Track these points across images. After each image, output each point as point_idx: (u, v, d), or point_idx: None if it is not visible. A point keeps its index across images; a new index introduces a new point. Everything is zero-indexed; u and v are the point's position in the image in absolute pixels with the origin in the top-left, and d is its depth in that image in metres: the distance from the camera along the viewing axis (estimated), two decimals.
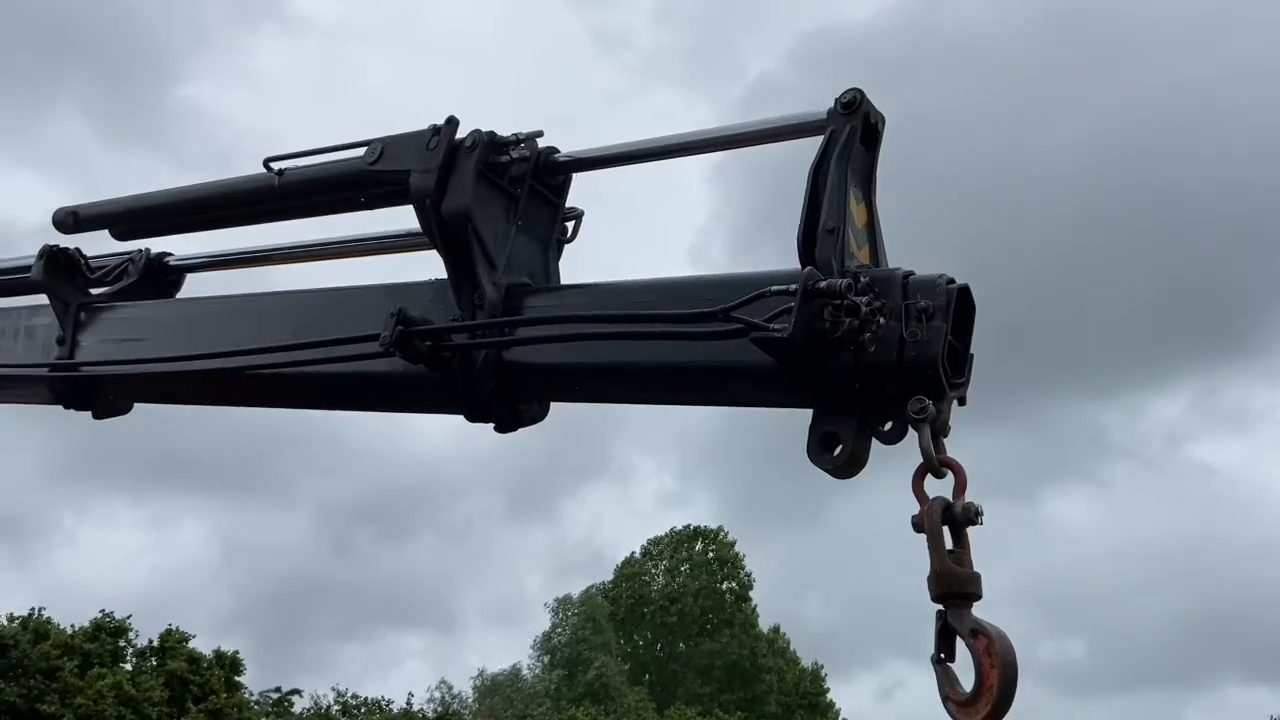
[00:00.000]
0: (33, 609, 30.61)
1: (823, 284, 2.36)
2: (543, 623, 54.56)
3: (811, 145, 2.66)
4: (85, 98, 78.88)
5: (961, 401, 2.45)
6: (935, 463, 2.37)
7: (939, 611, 2.31)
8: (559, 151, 3.10)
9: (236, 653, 33.57)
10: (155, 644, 32.07)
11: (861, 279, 2.39)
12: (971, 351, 2.48)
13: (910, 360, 2.36)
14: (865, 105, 2.62)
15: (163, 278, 4.00)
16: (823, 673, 57.33)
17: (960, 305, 2.43)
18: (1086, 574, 77.75)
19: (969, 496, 2.36)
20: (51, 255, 3.99)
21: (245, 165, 3.46)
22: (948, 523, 2.34)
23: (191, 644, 32.41)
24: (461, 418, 3.09)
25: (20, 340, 4.12)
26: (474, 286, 2.97)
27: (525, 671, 52.67)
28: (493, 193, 2.98)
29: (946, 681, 2.29)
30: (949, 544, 2.33)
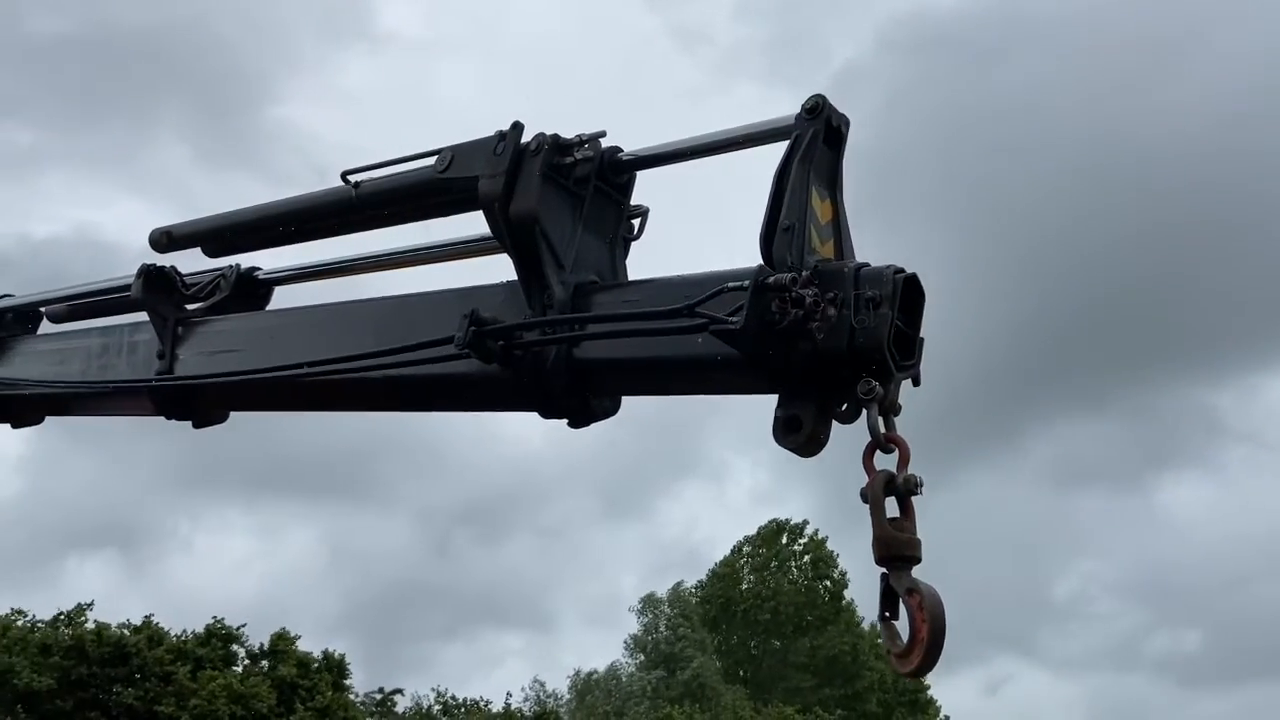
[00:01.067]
0: (147, 617, 31.91)
1: (771, 279, 2.56)
2: (636, 622, 54.80)
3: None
4: (184, 123, 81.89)
5: (915, 382, 2.62)
6: (882, 440, 2.56)
7: (882, 574, 2.53)
8: (622, 151, 3.16)
9: (343, 655, 34.53)
10: (265, 647, 33.13)
11: (806, 272, 2.54)
12: (922, 335, 2.62)
13: (859, 346, 2.53)
14: (828, 110, 2.77)
15: (252, 291, 4.17)
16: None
17: (908, 293, 2.59)
18: (1201, 562, 75.19)
19: (911, 469, 2.56)
20: (149, 274, 4.19)
21: (337, 182, 3.57)
22: (892, 493, 2.53)
23: (300, 646, 33.43)
24: (556, 421, 3.18)
25: (124, 356, 4.35)
26: (543, 286, 3.04)
27: (621, 670, 52.94)
28: (559, 194, 3.06)
29: (889, 636, 2.52)
30: (895, 513, 2.53)
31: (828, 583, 56.18)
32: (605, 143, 3.15)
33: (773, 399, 2.71)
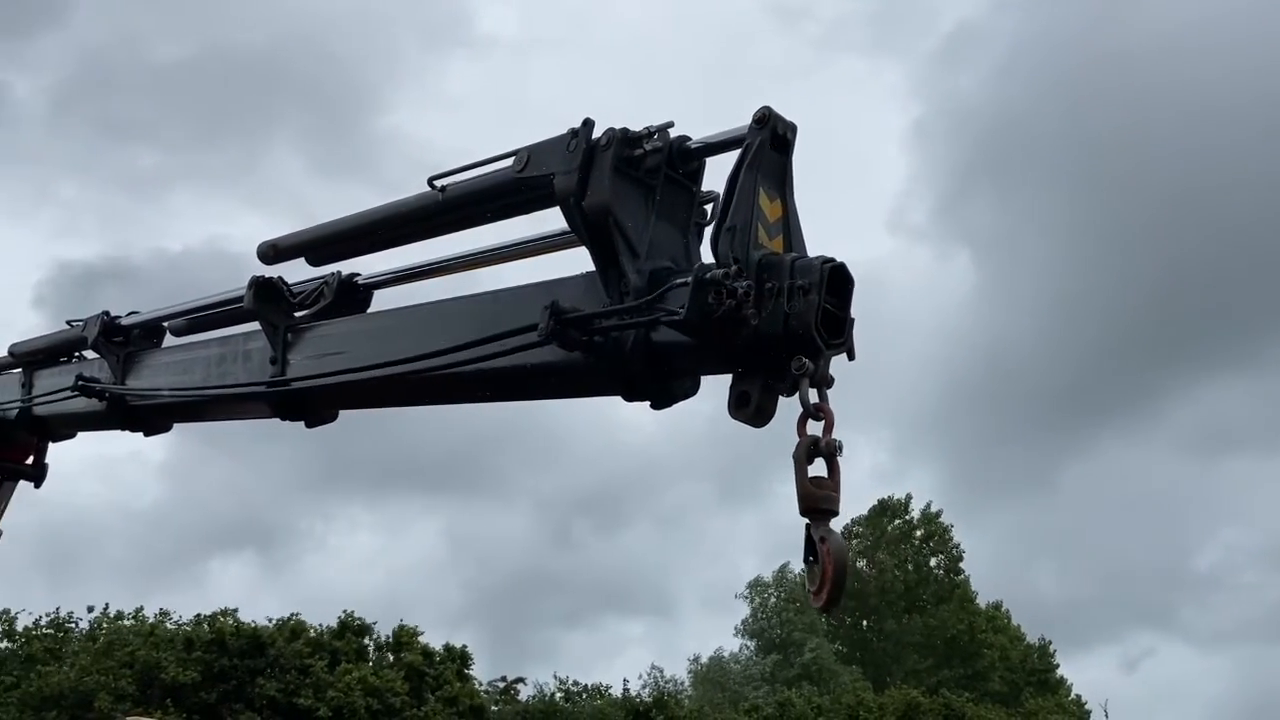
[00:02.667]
0: (291, 614, 33.32)
1: (709, 274, 2.81)
2: (745, 607, 54.48)
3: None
4: (298, 137, 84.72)
5: (850, 356, 2.90)
6: (810, 409, 2.90)
7: (806, 525, 2.90)
8: (690, 140, 3.24)
9: (465, 646, 35.45)
10: (390, 640, 34.22)
11: (736, 267, 2.83)
12: (851, 315, 2.88)
13: (792, 328, 2.85)
14: (774, 119, 3.02)
15: (354, 295, 4.38)
16: (1051, 648, 54.86)
17: (836, 280, 2.89)
18: None
19: (835, 434, 2.93)
20: (259, 285, 4.44)
21: None
22: (818, 455, 2.89)
23: (423, 638, 34.46)
24: (660, 408, 3.35)
25: (240, 363, 4.62)
26: (620, 275, 3.15)
27: (736, 656, 52.89)
28: (630, 185, 3.17)
29: (809, 578, 2.91)
30: (823, 473, 2.90)
31: (941, 558, 55.11)
32: (675, 131, 3.23)
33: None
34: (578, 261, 3.39)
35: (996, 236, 76.66)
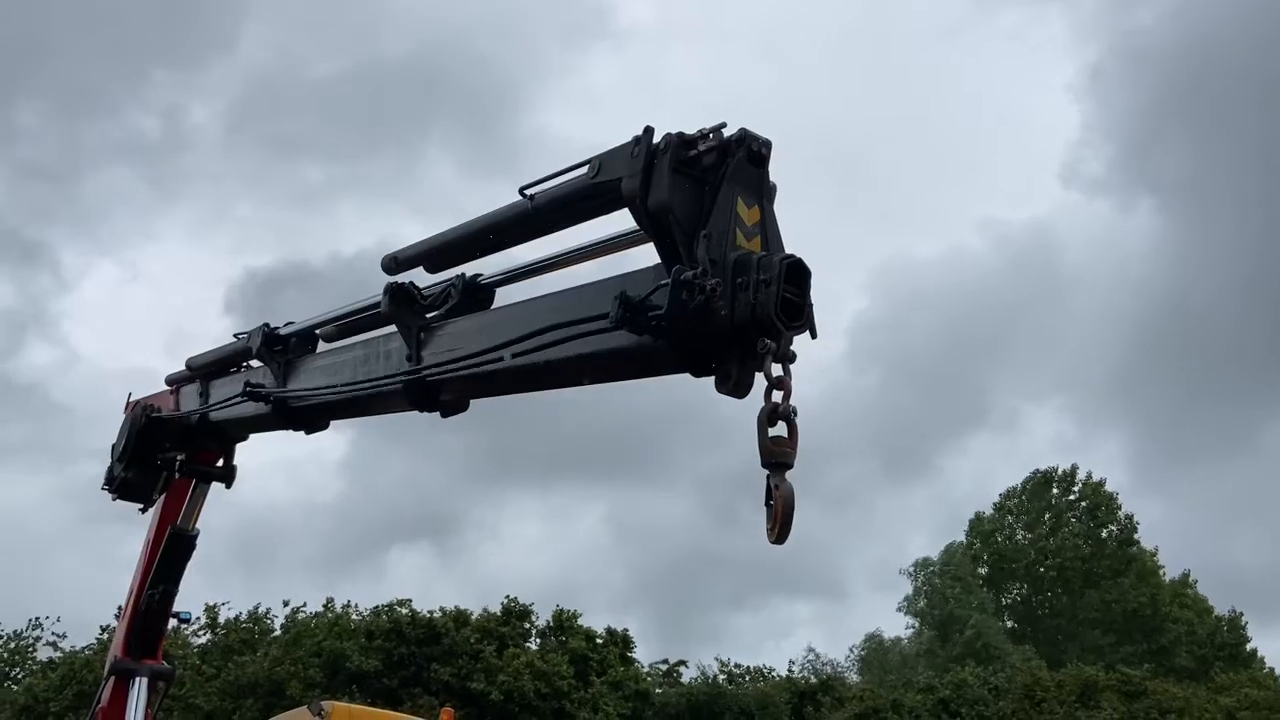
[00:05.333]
0: (454, 606, 34.84)
1: (684, 276, 3.33)
2: (909, 585, 53.37)
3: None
4: (449, 140, 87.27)
5: (813, 335, 3.37)
6: (772, 381, 3.40)
7: (766, 475, 3.42)
8: (746, 135, 3.53)
9: (626, 630, 36.26)
10: (552, 625, 35.32)
11: (702, 269, 3.29)
12: (810, 301, 3.42)
13: (757, 315, 3.34)
14: (750, 138, 3.44)
15: (477, 294, 4.78)
16: (1243, 620, 51.92)
17: (792, 272, 3.36)
18: None
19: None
20: (393, 291, 4.90)
21: None
22: (779, 419, 3.41)
23: (584, 623, 35.40)
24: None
25: (382, 362, 5.11)
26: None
27: (902, 635, 52.08)
28: (688, 183, 3.50)
29: (767, 518, 3.41)
30: (783, 433, 3.42)
31: (1113, 528, 52.78)
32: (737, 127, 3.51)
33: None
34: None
35: (1185, 182, 72.03)
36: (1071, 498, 53.63)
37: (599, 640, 35.02)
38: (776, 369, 3.40)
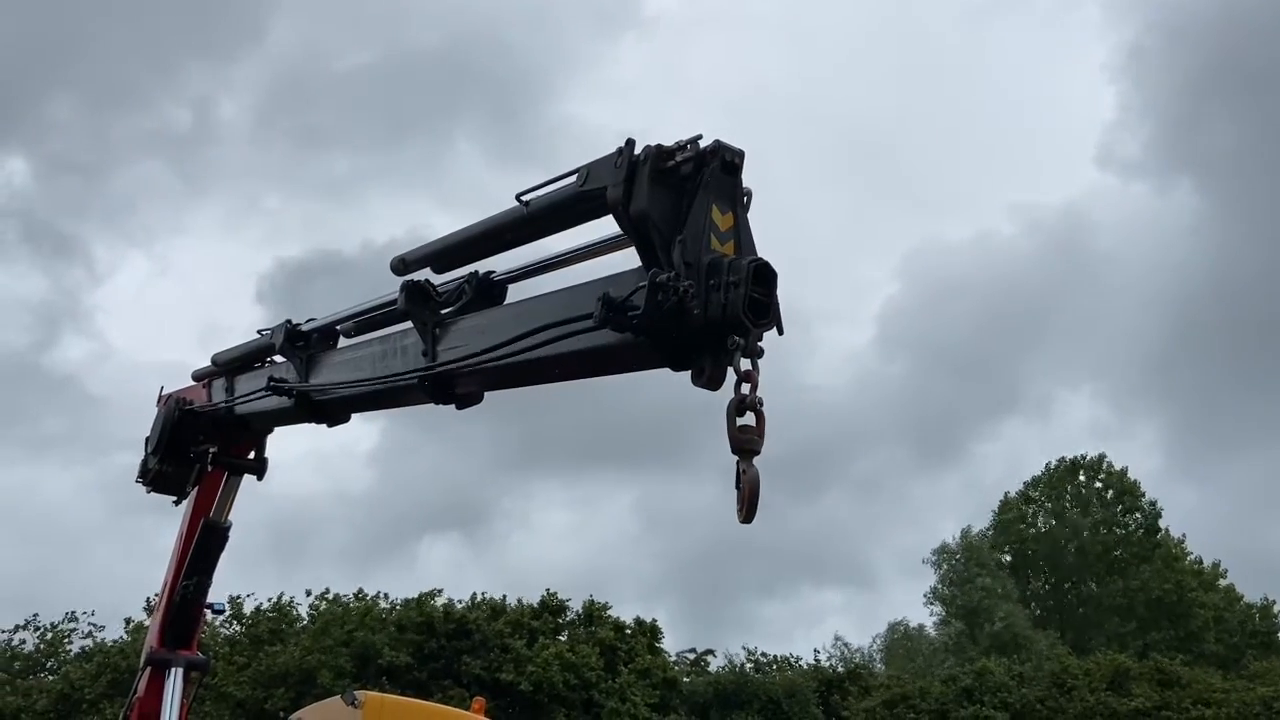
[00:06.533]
0: (483, 594, 35.16)
1: (659, 279, 3.58)
2: (933, 574, 53.04)
3: None
4: (476, 130, 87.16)
5: (780, 332, 3.60)
6: (740, 375, 3.63)
7: (736, 461, 3.65)
8: (721, 146, 3.75)
9: (654, 620, 36.51)
10: (582, 615, 35.63)
11: (674, 273, 3.54)
12: (776, 300, 3.64)
13: (726, 314, 3.56)
14: (724, 149, 3.66)
15: (490, 291, 4.98)
16: (1275, 607, 51.40)
17: (759, 274, 3.58)
18: None
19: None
20: (410, 288, 5.11)
21: None
22: (746, 409, 3.65)
23: (613, 612, 35.69)
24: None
25: (399, 357, 5.32)
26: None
27: (925, 623, 51.87)
28: (667, 191, 3.73)
29: (737, 500, 3.66)
30: (751, 423, 3.66)
31: (1138, 515, 52.21)
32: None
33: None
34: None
35: (1225, 160, 70.59)
36: (1098, 485, 53.28)
37: (628, 630, 35.30)
38: (745, 363, 3.62)
